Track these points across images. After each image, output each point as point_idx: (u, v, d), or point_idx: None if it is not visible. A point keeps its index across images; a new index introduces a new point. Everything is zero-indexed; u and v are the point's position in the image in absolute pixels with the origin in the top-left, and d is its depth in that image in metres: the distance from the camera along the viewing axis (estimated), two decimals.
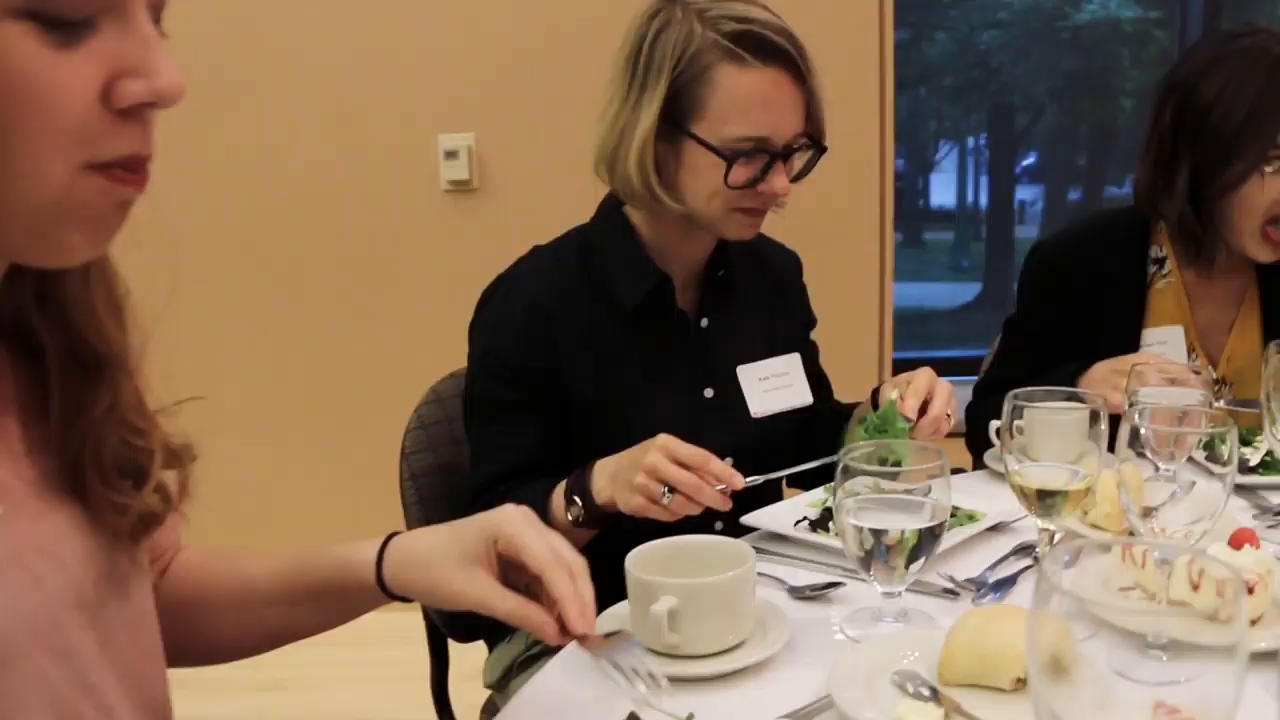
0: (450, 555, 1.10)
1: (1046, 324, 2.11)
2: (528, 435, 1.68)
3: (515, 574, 1.10)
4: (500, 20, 3.32)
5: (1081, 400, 1.30)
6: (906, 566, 1.26)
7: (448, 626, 1.86)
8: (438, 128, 3.35)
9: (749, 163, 1.61)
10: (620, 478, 1.50)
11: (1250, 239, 1.95)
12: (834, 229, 3.13)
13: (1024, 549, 1.52)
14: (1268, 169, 1.88)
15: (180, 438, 0.98)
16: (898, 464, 1.27)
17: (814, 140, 1.67)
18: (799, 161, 1.68)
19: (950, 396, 1.64)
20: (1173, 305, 2.08)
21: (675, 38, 1.59)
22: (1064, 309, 2.08)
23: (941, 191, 5.87)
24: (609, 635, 1.10)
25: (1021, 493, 1.28)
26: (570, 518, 1.55)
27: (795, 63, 1.60)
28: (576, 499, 1.55)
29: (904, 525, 1.23)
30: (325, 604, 1.17)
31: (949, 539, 1.50)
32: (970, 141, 5.76)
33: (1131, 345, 2.03)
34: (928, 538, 1.25)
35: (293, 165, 3.39)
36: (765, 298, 1.88)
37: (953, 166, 5.70)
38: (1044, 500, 1.27)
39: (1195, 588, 1.29)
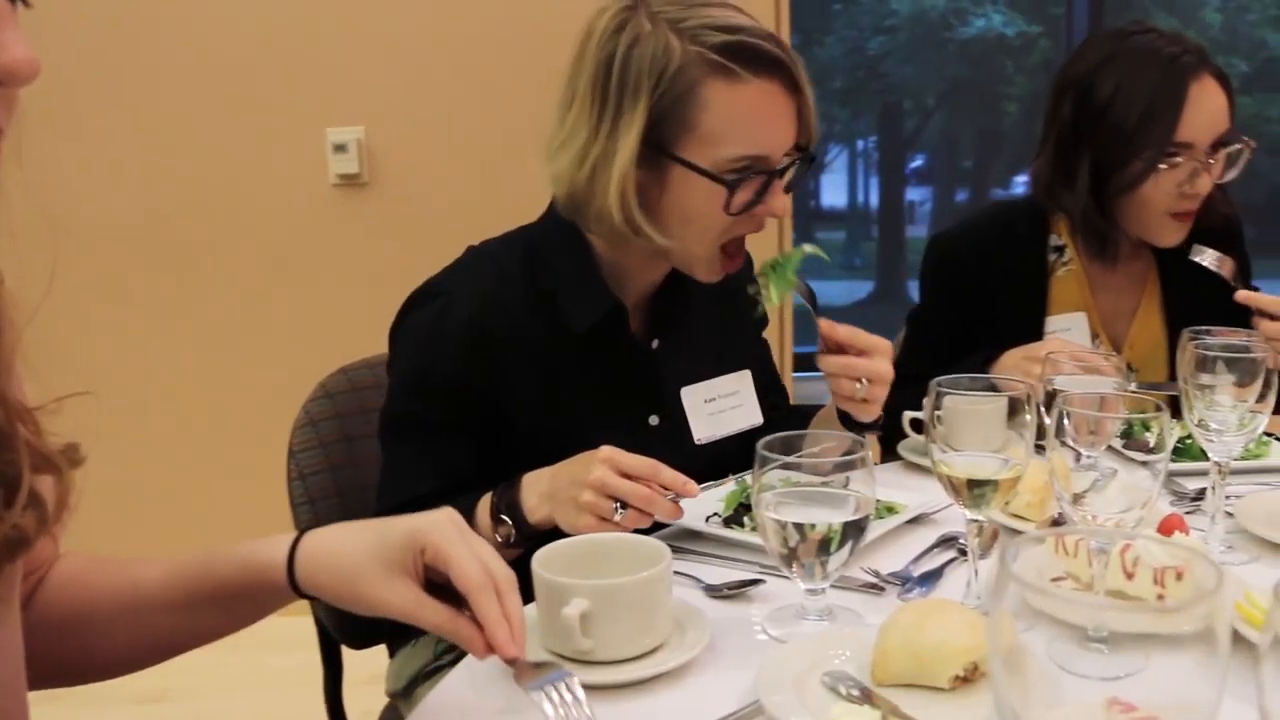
0: (375, 562, 1.00)
1: (949, 314, 2.09)
2: (456, 460, 1.52)
3: (439, 574, 1.00)
4: (390, 6, 3.19)
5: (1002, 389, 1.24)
6: (831, 562, 1.18)
7: (341, 632, 1.74)
8: (326, 120, 3.20)
9: (747, 185, 1.45)
10: (560, 496, 1.36)
11: (1155, 228, 1.97)
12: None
13: (947, 541, 1.46)
14: (1163, 165, 1.89)
15: (61, 439, 0.85)
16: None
17: (804, 150, 1.52)
18: (787, 178, 1.53)
19: (884, 386, 1.53)
20: (1074, 292, 2.07)
21: (651, 54, 1.40)
22: (966, 298, 2.07)
23: (833, 192, 5.89)
24: (539, 665, 1.00)
25: (950, 483, 1.21)
26: (499, 539, 1.40)
27: (789, 71, 1.45)
28: (505, 518, 1.41)
29: (828, 519, 1.15)
30: (229, 607, 1.06)
31: (870, 532, 1.43)
32: (860, 144, 5.78)
33: (1035, 333, 2.01)
34: (853, 531, 1.17)
35: (176, 158, 3.23)
36: (718, 308, 1.71)
37: (844, 168, 5.71)
38: (973, 490, 1.20)
39: (1129, 576, 1.24)
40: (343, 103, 3.21)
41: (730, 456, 1.62)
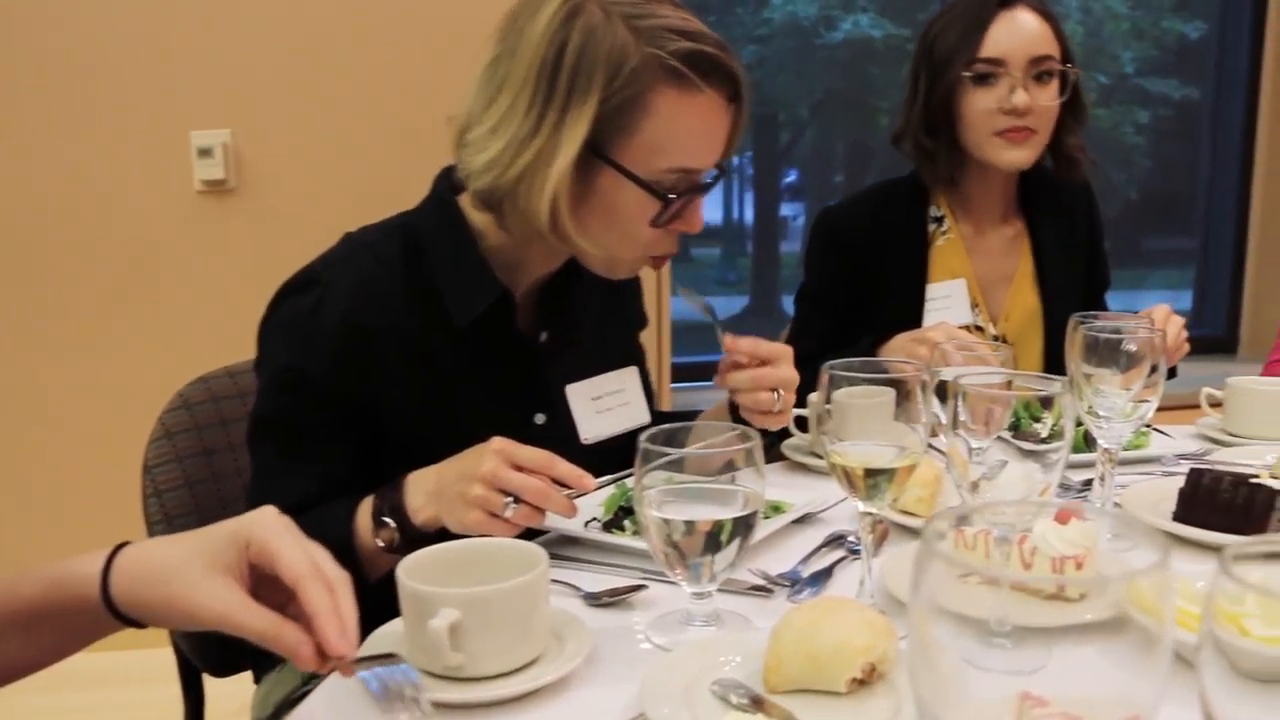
0: (193, 563, 0.87)
1: (837, 286, 2.13)
2: (331, 464, 1.39)
3: (270, 591, 0.88)
4: (256, 4, 3.01)
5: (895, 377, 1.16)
6: (719, 562, 1.09)
7: (203, 659, 1.60)
8: (189, 123, 3.01)
9: (678, 201, 1.36)
10: (447, 492, 1.23)
11: (988, 149, 2.02)
12: None
13: (836, 539, 1.38)
14: (967, 75, 1.98)
15: None
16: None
17: (720, 167, 1.42)
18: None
19: (789, 390, 1.45)
20: (954, 260, 2.12)
21: (606, 48, 1.29)
22: (851, 270, 2.11)
23: (709, 209, 5.83)
24: (375, 658, 0.88)
25: (845, 474, 1.13)
26: (381, 542, 1.27)
27: (737, 84, 1.36)
28: (388, 520, 1.27)
29: (716, 515, 1.07)
30: (39, 633, 0.92)
31: (757, 532, 1.35)
32: (735, 159, 5.74)
33: (919, 299, 2.08)
34: (741, 527, 1.08)
35: (30, 162, 3.00)
36: (601, 303, 1.63)
37: (720, 184, 5.67)
38: (869, 480, 1.12)
39: (1027, 567, 1.17)
40: (208, 104, 3.02)
41: (616, 456, 1.49)
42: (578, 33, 1.29)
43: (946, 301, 2.07)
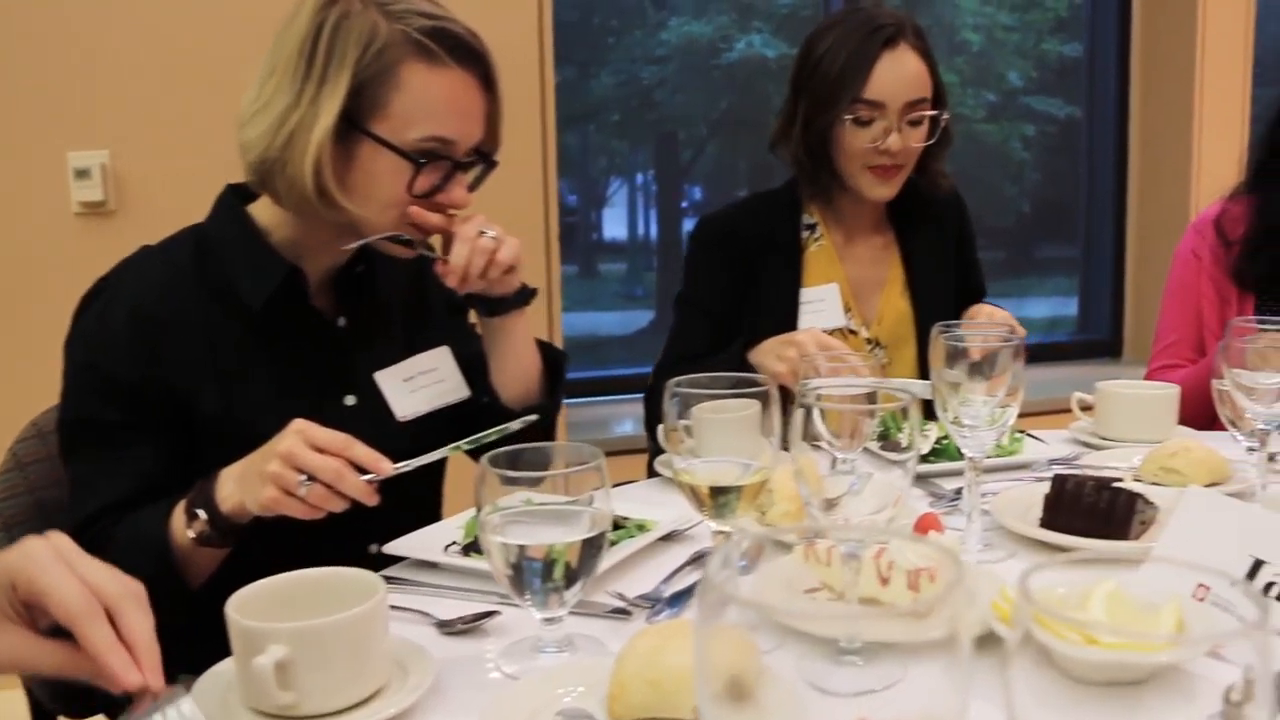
0: None
1: (714, 290, 2.13)
2: (143, 460, 1.39)
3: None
4: (135, 18, 2.87)
5: (752, 384, 1.11)
6: (566, 586, 1.03)
7: (55, 701, 1.51)
8: (67, 144, 2.87)
9: (433, 169, 1.42)
10: (249, 474, 1.24)
11: (858, 180, 2.06)
12: None
13: (701, 558, 1.32)
14: (848, 117, 1.99)
15: None
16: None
17: (485, 155, 1.50)
18: (470, 175, 1.51)
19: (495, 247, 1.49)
20: (826, 266, 2.15)
21: (359, 29, 1.37)
22: (728, 274, 2.12)
23: (614, 225, 5.81)
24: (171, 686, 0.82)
25: (692, 492, 1.08)
26: (193, 534, 1.28)
27: (485, 66, 1.45)
28: (199, 512, 1.27)
29: (557, 539, 1.00)
30: None
31: (618, 552, 1.29)
32: (640, 177, 5.72)
33: (793, 303, 2.09)
34: (588, 551, 1.02)
35: None
36: (405, 292, 1.66)
37: (624, 201, 5.64)
38: (717, 498, 1.06)
39: (884, 582, 1.13)
40: (85, 123, 2.87)
41: (439, 432, 1.49)
42: (334, 15, 1.38)
43: (820, 305, 2.09)
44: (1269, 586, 1.11)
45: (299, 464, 1.19)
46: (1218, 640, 0.62)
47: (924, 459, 1.63)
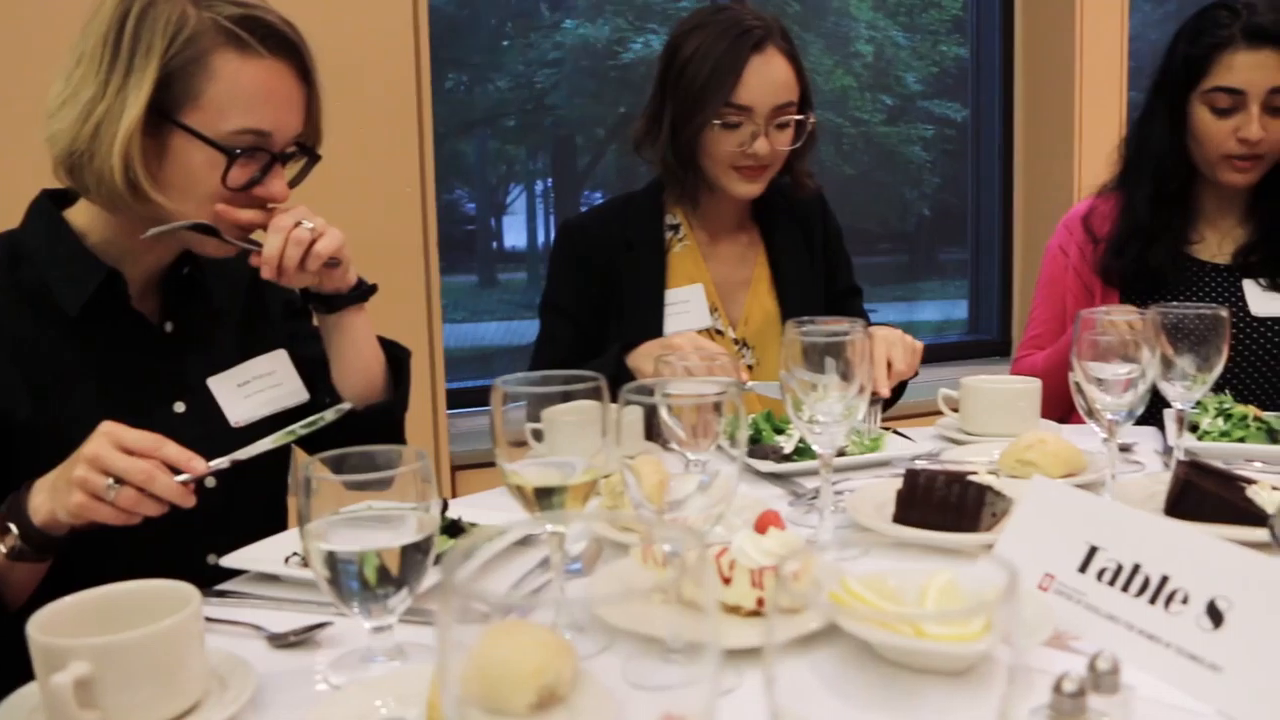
0: None
1: (579, 293, 2.14)
2: None
3: None
4: None
5: (584, 381, 1.09)
6: (392, 594, 1.00)
7: None
8: None
9: (249, 162, 1.39)
10: (58, 482, 1.20)
11: (724, 180, 2.07)
12: (381, 272, 2.88)
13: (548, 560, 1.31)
14: (717, 122, 2.00)
15: None
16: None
17: (307, 149, 1.48)
18: (293, 169, 1.48)
19: (311, 238, 1.48)
20: (691, 266, 2.15)
21: (166, 16, 1.35)
22: (593, 276, 2.13)
23: (514, 233, 5.76)
24: None
25: (519, 493, 1.06)
26: (4, 549, 1.22)
27: (301, 57, 1.42)
28: (10, 526, 1.22)
29: (379, 544, 0.98)
30: None
31: (431, 560, 1.27)
32: (540, 184, 5.69)
33: (658, 305, 2.10)
34: (412, 557, 1.00)
35: None
36: (241, 297, 1.63)
37: (524, 208, 5.59)
38: (543, 499, 1.04)
39: (727, 581, 1.12)
40: None
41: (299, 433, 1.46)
42: (139, 3, 1.35)
43: (685, 306, 2.10)
44: (1102, 572, 1.12)
45: (105, 467, 1.16)
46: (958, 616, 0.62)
47: (785, 458, 1.63)
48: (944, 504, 1.34)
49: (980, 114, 4.26)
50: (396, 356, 1.64)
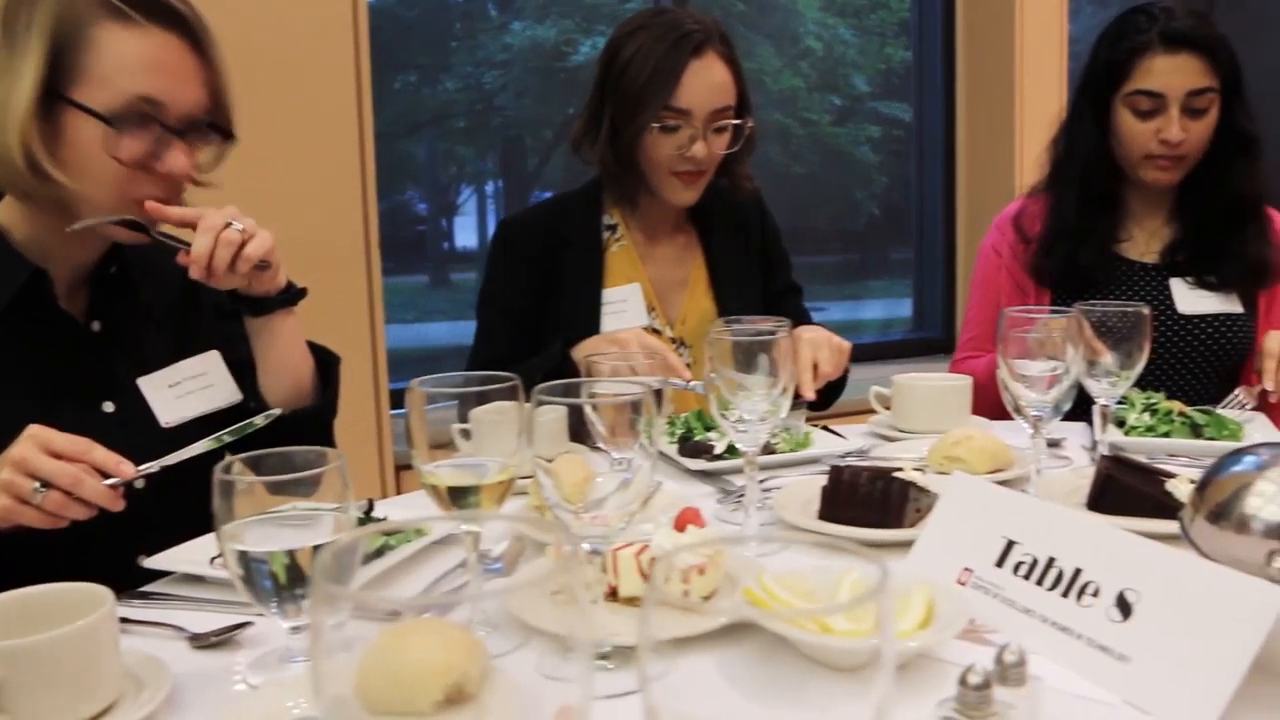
0: None
1: (517, 291, 2.14)
2: None
3: None
4: None
5: (500, 381, 1.09)
6: (306, 595, 1.00)
7: None
8: None
9: (139, 134, 1.37)
10: None
11: (663, 184, 2.09)
12: (323, 273, 2.86)
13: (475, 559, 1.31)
14: (656, 125, 2.01)
15: None
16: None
17: (219, 128, 1.46)
18: (209, 153, 1.46)
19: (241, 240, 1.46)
20: (628, 266, 2.17)
21: None
22: (529, 275, 2.13)
23: (465, 234, 5.74)
24: None
25: (435, 493, 1.06)
26: None
27: (190, 28, 1.39)
28: None
29: (290, 544, 0.98)
30: None
31: (392, 557, 1.27)
32: (490, 185, 5.67)
33: (595, 304, 2.11)
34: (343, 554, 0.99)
35: None
36: (173, 297, 1.62)
37: (474, 209, 5.57)
38: (457, 499, 1.05)
39: (646, 577, 1.13)
40: None
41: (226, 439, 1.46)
42: None
43: (623, 305, 2.11)
44: (1018, 566, 1.14)
45: (32, 470, 1.15)
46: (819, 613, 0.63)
47: (717, 457, 1.64)
48: (868, 500, 1.35)
49: (923, 115, 4.30)
50: (325, 361, 1.63)
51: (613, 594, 1.14)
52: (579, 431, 1.10)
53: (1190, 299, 2.19)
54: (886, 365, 3.86)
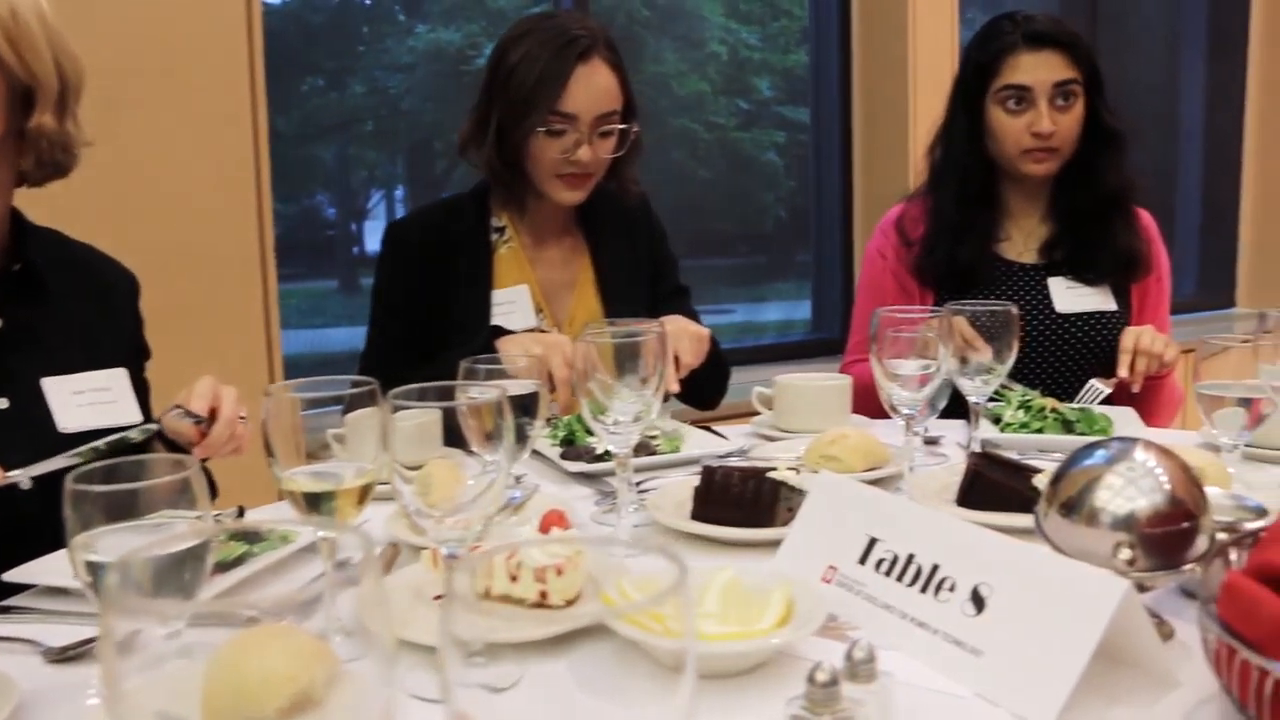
0: None
1: (405, 294, 2.14)
2: None
3: None
4: None
5: (360, 385, 1.08)
6: (165, 600, 0.98)
7: None
8: None
9: None
10: None
11: (548, 187, 2.10)
12: (218, 279, 2.81)
13: (342, 564, 1.29)
14: (542, 129, 2.03)
15: None
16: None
17: None
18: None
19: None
20: (516, 267, 2.18)
21: None
22: (418, 277, 2.13)
23: (375, 238, 5.67)
24: None
25: (293, 499, 1.04)
26: None
27: None
28: None
29: (134, 553, 0.95)
30: None
31: (257, 563, 1.25)
32: (400, 190, 5.61)
33: (485, 305, 2.12)
34: (191, 560, 0.97)
35: None
36: (89, 306, 1.59)
37: (384, 214, 5.51)
38: (313, 505, 1.03)
39: (514, 579, 1.12)
40: None
41: (99, 453, 1.43)
42: None
43: (511, 307, 2.12)
44: (880, 563, 1.15)
45: None
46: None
47: (597, 459, 1.64)
48: (740, 500, 1.36)
49: (821, 119, 4.35)
50: None
51: (486, 594, 1.13)
52: (452, 435, 1.10)
53: (1068, 298, 2.25)
54: (785, 366, 3.89)
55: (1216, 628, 0.86)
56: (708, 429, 1.87)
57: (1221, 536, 1.08)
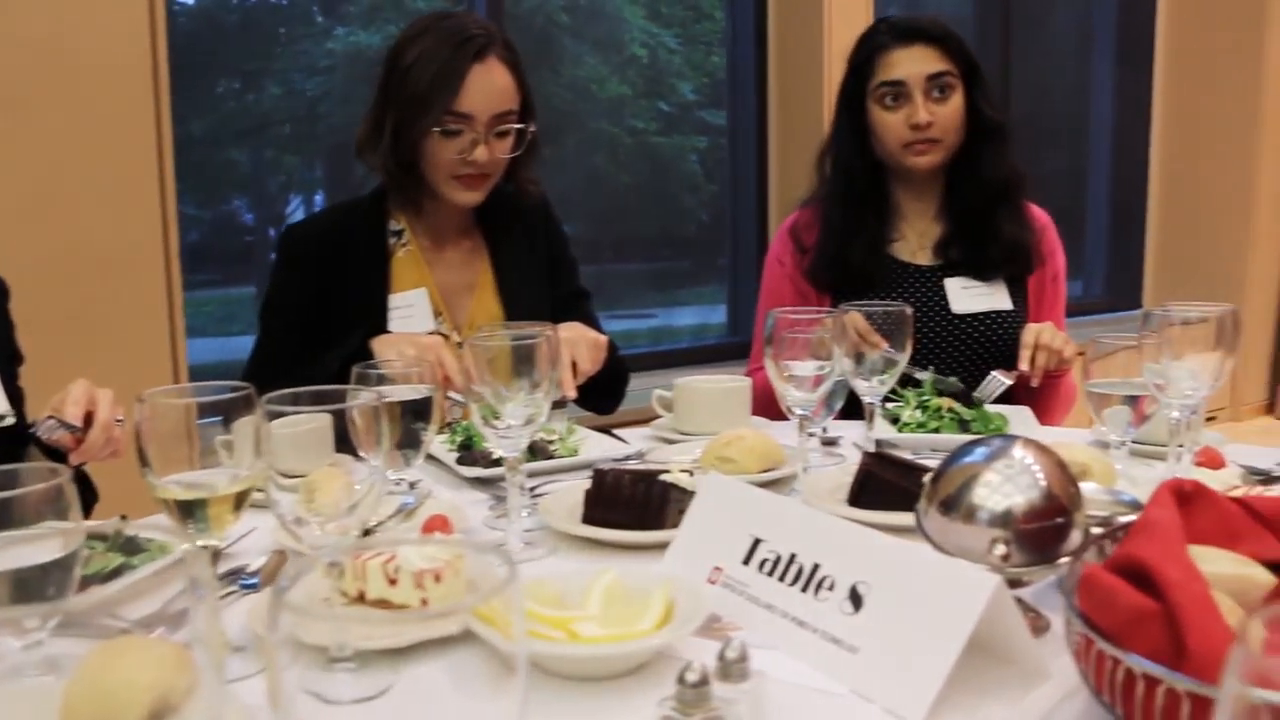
0: None
1: (301, 296, 2.12)
2: None
3: None
4: None
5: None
6: (30, 612, 0.96)
7: None
8: None
9: None
10: None
11: (444, 188, 2.09)
12: (120, 286, 2.76)
13: (230, 574, 1.28)
14: (437, 130, 2.02)
15: None
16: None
17: None
18: None
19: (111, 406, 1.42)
20: (414, 270, 2.16)
21: None
22: (313, 282, 2.11)
23: None
24: None
25: (166, 507, 1.03)
26: None
27: None
28: None
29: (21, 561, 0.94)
30: None
31: (136, 574, 1.23)
32: (319, 194, 5.55)
33: (381, 310, 2.10)
34: (56, 573, 0.96)
35: None
36: None
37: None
38: (186, 513, 1.02)
39: (392, 582, 1.12)
40: None
41: None
42: None
43: (409, 311, 2.11)
44: (763, 563, 1.16)
45: None
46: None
47: (494, 463, 1.63)
48: (630, 502, 1.36)
49: (737, 122, 4.37)
50: None
51: (360, 598, 1.13)
52: (342, 441, 1.09)
53: (964, 299, 2.29)
54: (698, 370, 3.89)
55: (1076, 619, 0.88)
56: (608, 432, 1.88)
57: (1096, 531, 1.10)
